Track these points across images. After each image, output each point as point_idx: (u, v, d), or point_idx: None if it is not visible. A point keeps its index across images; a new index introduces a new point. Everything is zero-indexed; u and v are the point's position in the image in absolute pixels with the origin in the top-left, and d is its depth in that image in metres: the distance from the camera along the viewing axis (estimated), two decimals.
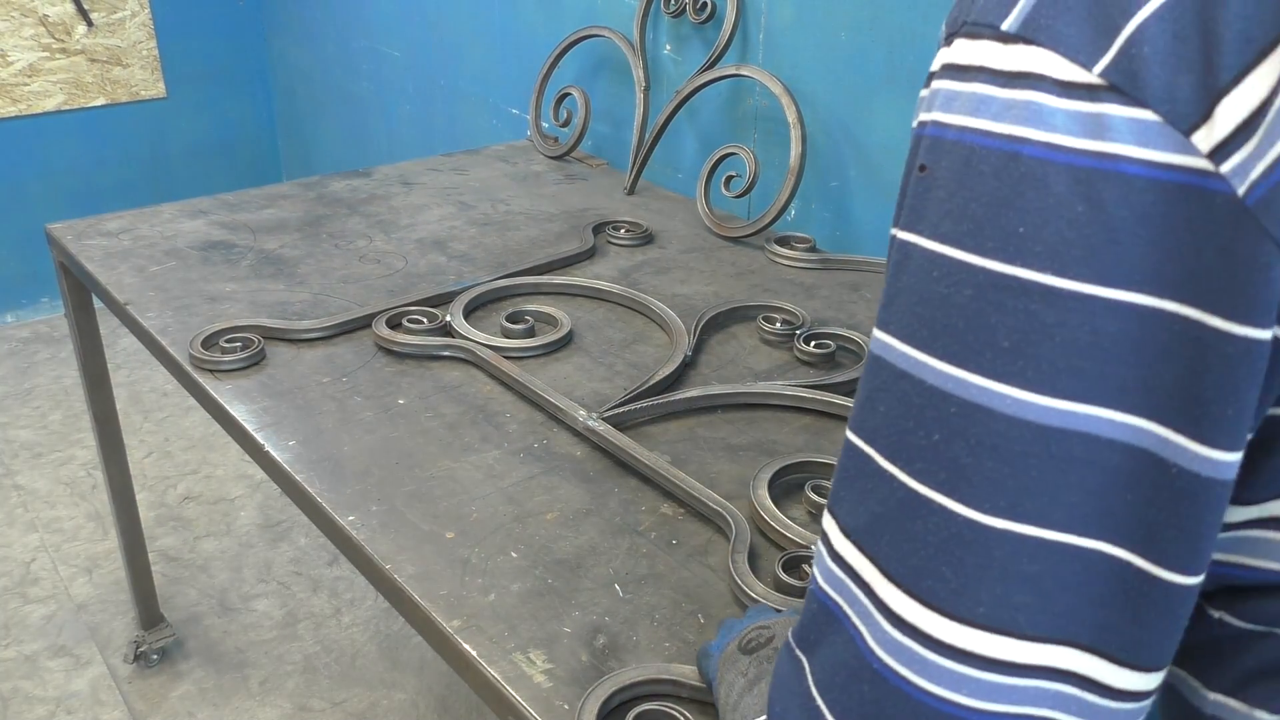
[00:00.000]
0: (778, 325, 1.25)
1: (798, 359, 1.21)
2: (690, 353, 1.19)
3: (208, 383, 1.12)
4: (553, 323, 1.26)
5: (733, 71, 1.56)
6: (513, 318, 1.23)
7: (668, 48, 1.74)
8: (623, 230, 1.54)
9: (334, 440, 1.03)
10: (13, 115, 2.75)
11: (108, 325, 1.86)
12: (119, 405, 1.72)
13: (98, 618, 1.90)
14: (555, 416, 1.07)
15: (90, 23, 2.78)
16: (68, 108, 2.83)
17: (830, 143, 1.52)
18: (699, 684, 0.72)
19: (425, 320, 1.23)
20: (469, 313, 1.27)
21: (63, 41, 2.76)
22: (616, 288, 1.35)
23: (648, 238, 1.54)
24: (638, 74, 1.71)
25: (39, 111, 2.78)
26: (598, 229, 1.55)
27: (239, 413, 1.07)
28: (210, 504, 2.21)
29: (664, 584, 0.85)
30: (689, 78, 1.63)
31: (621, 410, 1.06)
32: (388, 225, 1.57)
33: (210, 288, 1.35)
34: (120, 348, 2.73)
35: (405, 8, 2.41)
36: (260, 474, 2.27)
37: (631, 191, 1.74)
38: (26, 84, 2.74)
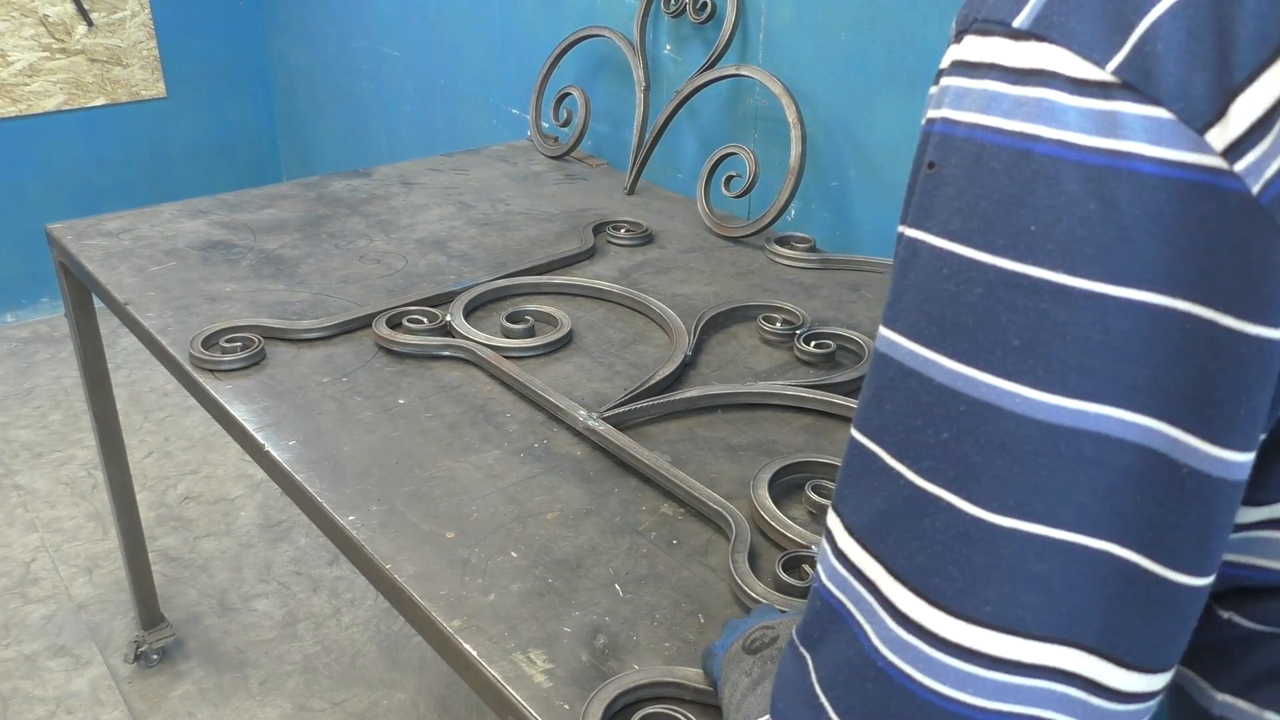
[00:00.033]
0: (778, 325, 1.25)
1: (798, 359, 1.21)
2: (690, 353, 1.19)
3: (208, 383, 1.12)
4: (553, 323, 1.26)
5: (733, 71, 1.56)
6: (513, 318, 1.23)
7: (668, 48, 1.74)
8: (623, 230, 1.54)
9: (334, 440, 1.03)
10: (13, 115, 2.75)
11: (108, 325, 1.86)
12: (119, 405, 1.72)
13: (98, 618, 1.90)
14: (555, 416, 1.07)
15: (90, 23, 2.78)
16: (68, 108, 2.83)
17: (830, 143, 1.51)
18: (702, 686, 0.72)
19: (425, 320, 1.23)
20: (469, 313, 1.27)
21: (63, 41, 2.76)
22: (616, 288, 1.35)
23: (648, 238, 1.54)
24: (638, 74, 1.71)
25: (39, 111, 2.78)
26: (598, 229, 1.55)
27: (239, 413, 1.07)
28: (210, 504, 2.21)
29: (664, 584, 0.85)
30: (689, 78, 1.63)
31: (621, 410, 1.06)
32: (388, 225, 1.57)
33: (210, 288, 1.35)
34: (120, 348, 2.73)
35: (405, 8, 2.41)
36: (260, 474, 2.27)
37: (631, 191, 1.74)
38: (27, 84, 2.74)
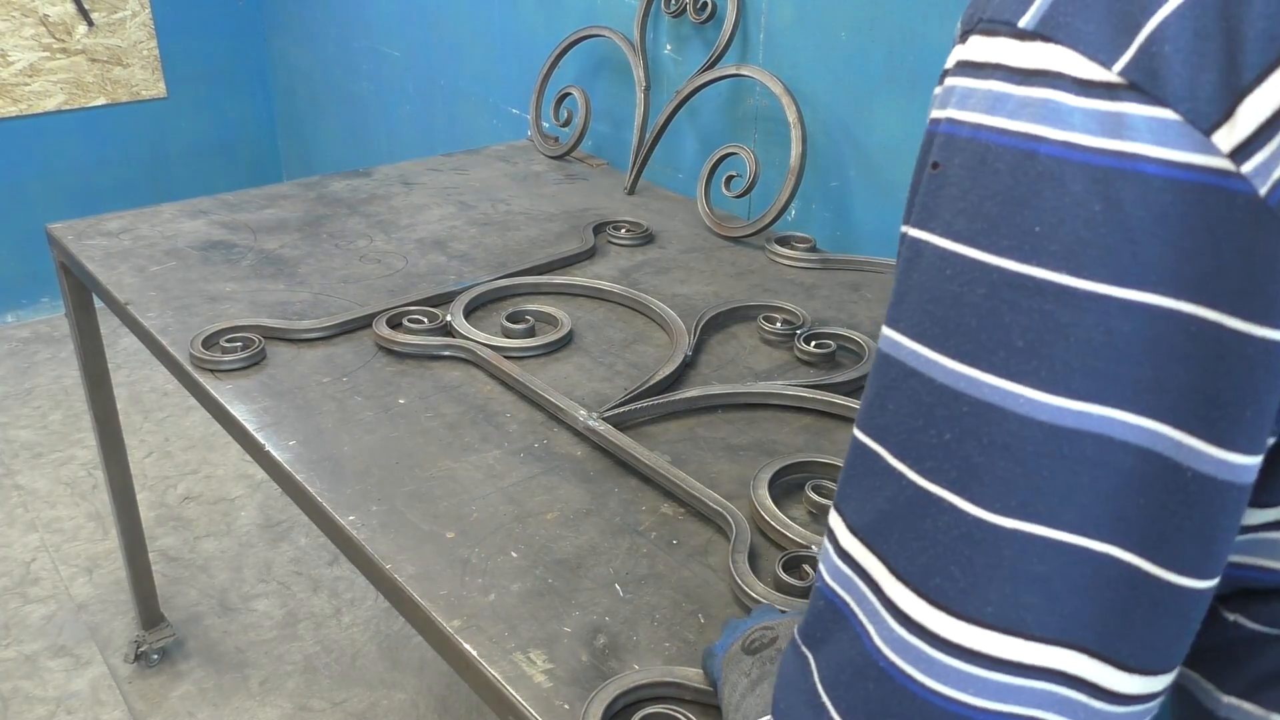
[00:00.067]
0: (778, 325, 1.25)
1: (798, 359, 1.21)
2: (690, 353, 1.19)
3: (208, 382, 1.12)
4: (553, 323, 1.26)
5: (733, 71, 1.56)
6: (513, 318, 1.23)
7: (668, 48, 1.74)
8: (623, 230, 1.54)
9: (334, 440, 1.03)
10: (13, 115, 2.75)
11: (108, 325, 1.86)
12: (119, 405, 1.72)
13: (98, 618, 1.90)
14: (555, 416, 1.07)
15: (91, 23, 2.78)
16: (68, 108, 2.83)
17: (830, 143, 1.51)
18: (702, 686, 0.72)
19: (425, 320, 1.23)
20: (469, 313, 1.27)
21: (63, 41, 2.76)
22: (617, 288, 1.35)
23: (648, 238, 1.54)
24: (638, 74, 1.71)
25: (39, 111, 2.78)
26: (598, 229, 1.55)
27: (239, 412, 1.07)
28: (210, 504, 2.21)
29: (664, 584, 0.85)
30: (689, 78, 1.63)
31: (621, 410, 1.06)
32: (388, 225, 1.57)
33: (210, 288, 1.35)
34: (120, 348, 2.73)
35: (405, 8, 2.41)
36: (260, 474, 2.28)
37: (632, 191, 1.74)
38: (27, 84, 2.74)
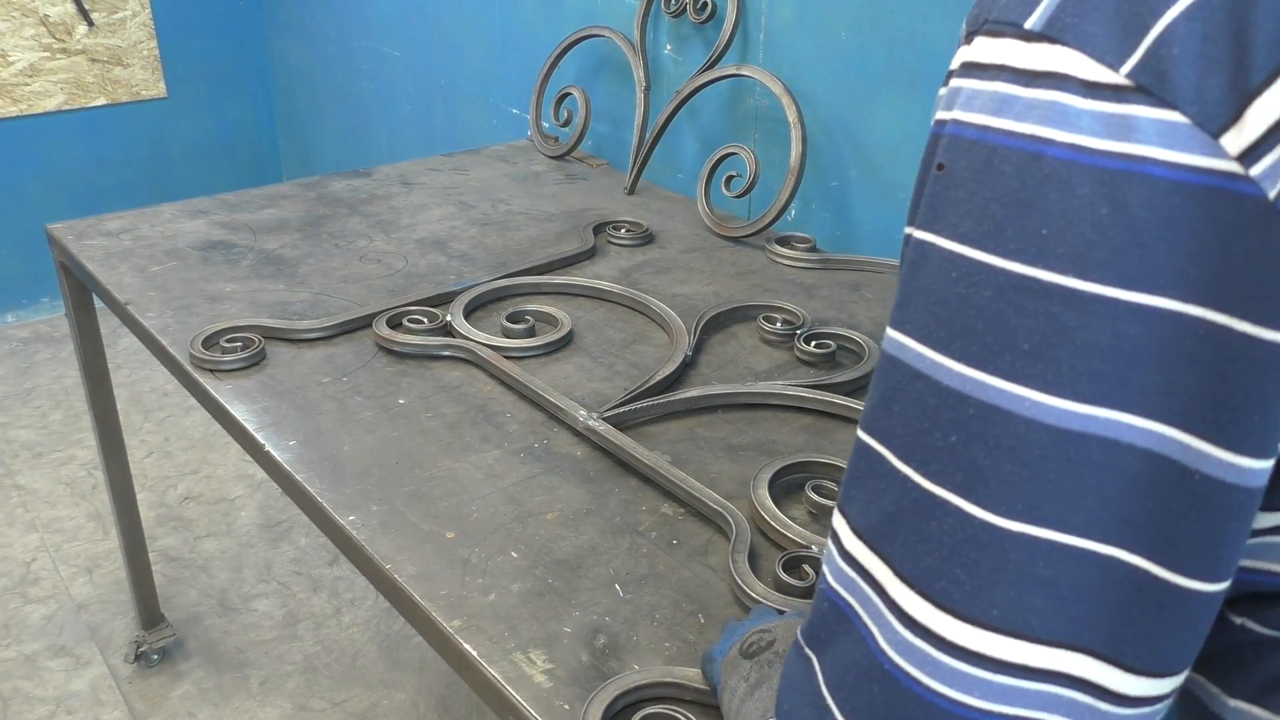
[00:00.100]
0: (778, 325, 1.25)
1: (798, 359, 1.21)
2: (690, 353, 1.19)
3: (208, 383, 1.12)
4: (553, 323, 1.26)
5: (733, 71, 1.56)
6: (513, 318, 1.23)
7: (668, 48, 1.74)
8: (623, 230, 1.54)
9: (334, 440, 1.03)
10: (13, 115, 2.75)
11: (108, 325, 1.86)
12: (119, 405, 1.72)
13: (98, 618, 1.90)
14: (555, 416, 1.07)
15: (91, 23, 2.78)
16: (68, 108, 2.83)
17: (830, 143, 1.51)
18: (702, 686, 0.72)
19: (425, 320, 1.23)
20: (469, 313, 1.27)
21: (63, 41, 2.76)
22: (617, 288, 1.35)
23: (648, 238, 1.54)
24: (638, 74, 1.71)
25: (39, 111, 2.78)
26: (598, 229, 1.55)
27: (239, 413, 1.07)
28: (210, 504, 2.21)
29: (664, 584, 0.85)
30: (689, 78, 1.63)
31: (622, 410, 1.06)
32: (388, 225, 1.57)
33: (210, 288, 1.35)
34: (121, 348, 2.73)
35: (405, 8, 2.41)
36: (260, 474, 2.28)
37: (632, 191, 1.74)
38: (27, 84, 2.74)
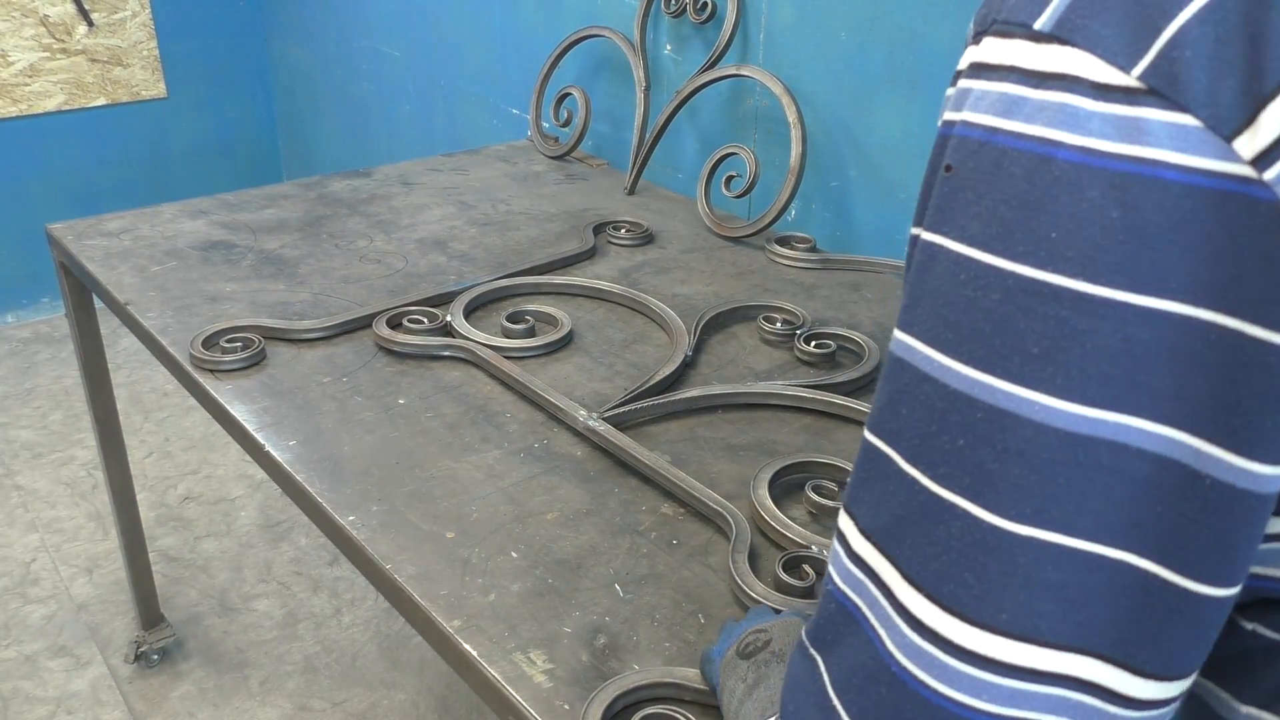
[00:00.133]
0: (778, 325, 1.25)
1: (798, 359, 1.21)
2: (690, 353, 1.19)
3: (208, 383, 1.12)
4: (553, 323, 1.26)
5: (733, 71, 1.56)
6: (513, 318, 1.23)
7: (668, 48, 1.74)
8: (623, 230, 1.54)
9: (334, 440, 1.03)
10: (13, 115, 2.75)
11: (108, 325, 1.87)
12: (119, 405, 1.72)
13: (98, 618, 1.90)
14: (555, 416, 1.07)
15: (91, 23, 2.78)
16: (68, 108, 2.83)
17: (830, 143, 1.52)
18: (702, 686, 0.72)
19: (425, 320, 1.23)
20: (469, 313, 1.27)
21: (63, 42, 2.76)
22: (617, 288, 1.35)
23: (648, 238, 1.54)
24: (638, 74, 1.71)
25: (39, 111, 2.78)
26: (598, 229, 1.55)
27: (239, 413, 1.07)
28: (210, 504, 2.21)
29: (664, 584, 0.85)
30: (689, 78, 1.63)
31: (622, 410, 1.06)
32: (388, 225, 1.57)
33: (210, 288, 1.35)
34: (121, 348, 2.73)
35: (405, 8, 2.41)
36: (260, 474, 2.28)
37: (632, 191, 1.74)
38: (27, 84, 2.74)
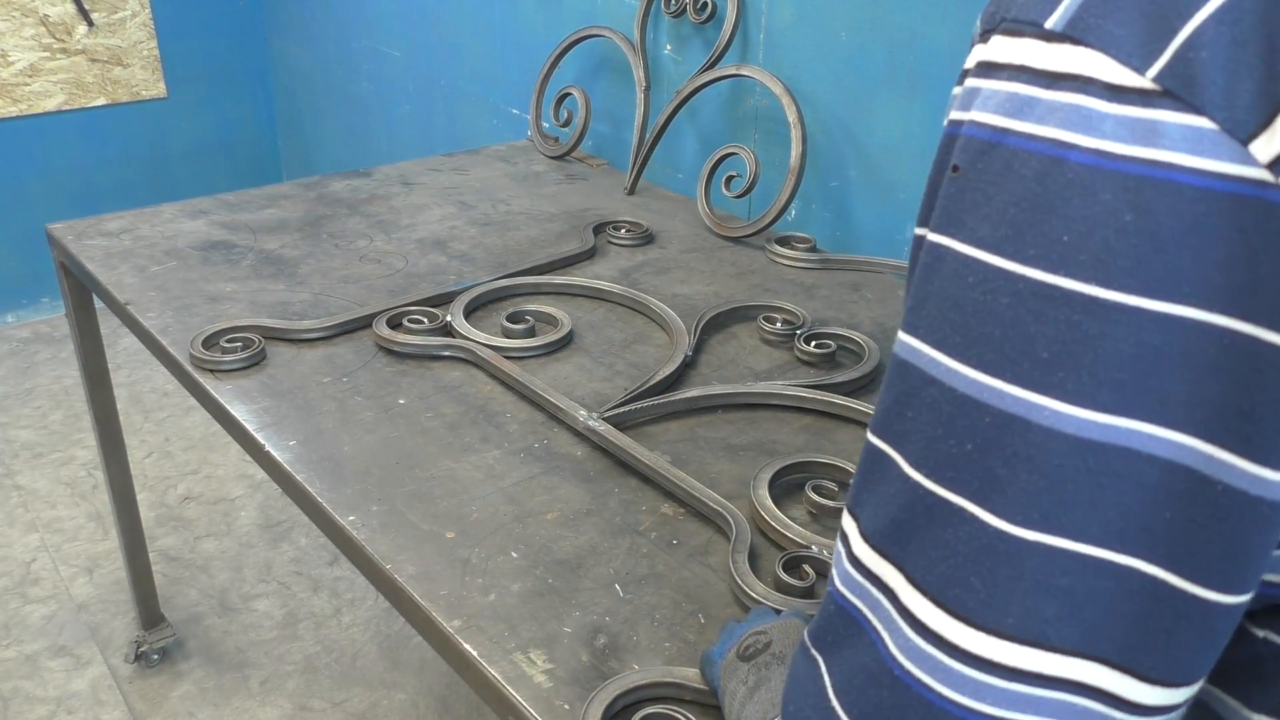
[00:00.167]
0: (778, 325, 1.25)
1: (798, 359, 1.21)
2: (690, 353, 1.19)
3: (208, 383, 1.12)
4: (553, 323, 1.26)
5: (733, 71, 1.56)
6: (513, 318, 1.23)
7: (668, 48, 1.74)
8: (623, 230, 1.54)
9: (334, 440, 1.03)
10: (13, 115, 2.75)
11: (108, 325, 1.87)
12: (119, 405, 1.72)
13: (98, 618, 1.90)
14: (555, 416, 1.07)
15: (91, 23, 2.78)
16: (68, 108, 2.83)
17: (830, 143, 1.51)
18: (702, 687, 0.72)
19: (425, 320, 1.23)
20: (469, 313, 1.27)
21: (63, 41, 2.76)
22: (617, 288, 1.35)
23: (648, 238, 1.54)
24: (638, 74, 1.71)
25: (39, 111, 2.78)
26: (598, 229, 1.55)
27: (239, 413, 1.07)
28: (211, 504, 2.21)
29: (664, 584, 0.85)
30: (689, 78, 1.63)
31: (622, 410, 1.06)
32: (388, 225, 1.57)
33: (211, 288, 1.35)
34: (121, 348, 2.73)
35: (405, 8, 2.41)
36: (261, 474, 2.28)
37: (632, 191, 1.74)
38: (27, 84, 2.74)
